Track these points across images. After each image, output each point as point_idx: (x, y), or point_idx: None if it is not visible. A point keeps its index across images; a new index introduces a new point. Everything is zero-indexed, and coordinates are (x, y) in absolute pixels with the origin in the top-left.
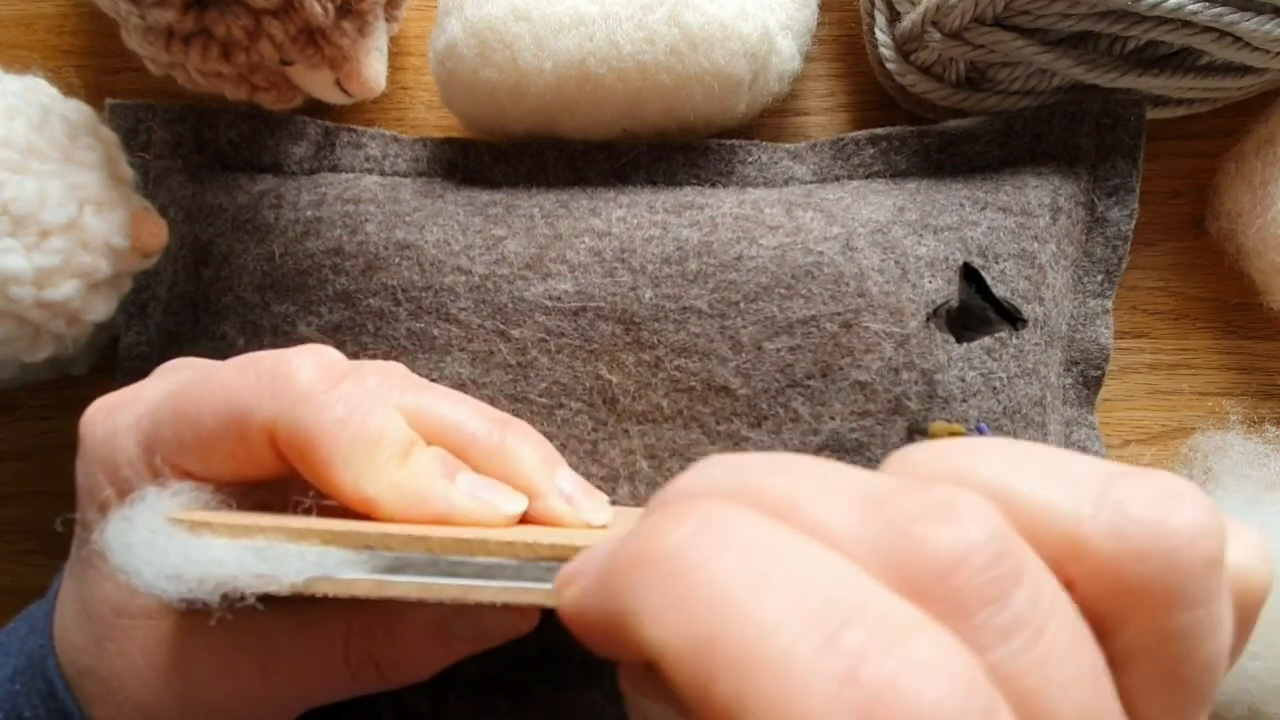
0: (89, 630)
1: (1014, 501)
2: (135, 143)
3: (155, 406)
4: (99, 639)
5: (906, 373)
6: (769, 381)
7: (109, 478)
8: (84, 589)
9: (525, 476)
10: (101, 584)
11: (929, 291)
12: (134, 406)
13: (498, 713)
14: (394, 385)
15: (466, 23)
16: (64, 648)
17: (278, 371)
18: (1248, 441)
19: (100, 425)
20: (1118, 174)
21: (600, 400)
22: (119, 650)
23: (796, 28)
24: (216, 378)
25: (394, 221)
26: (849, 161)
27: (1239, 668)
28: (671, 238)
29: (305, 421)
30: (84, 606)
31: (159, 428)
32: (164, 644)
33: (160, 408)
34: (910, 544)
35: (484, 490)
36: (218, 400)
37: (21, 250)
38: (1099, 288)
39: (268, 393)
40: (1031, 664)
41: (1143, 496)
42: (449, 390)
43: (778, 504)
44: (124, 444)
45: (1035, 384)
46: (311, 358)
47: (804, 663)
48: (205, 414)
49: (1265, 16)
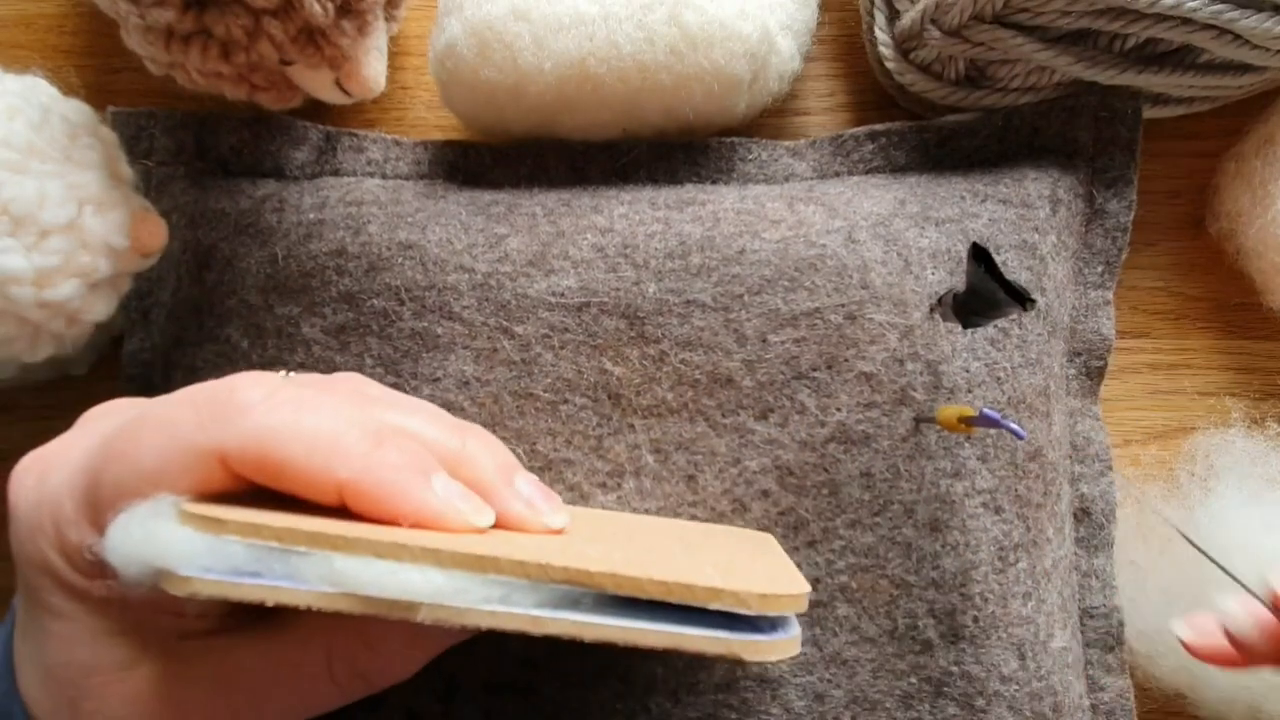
0: (60, 695)
1: None
2: (138, 149)
3: (87, 462)
4: (73, 702)
5: (911, 363)
6: (774, 374)
7: (49, 542)
8: (43, 655)
9: (486, 481)
10: (64, 649)
11: (932, 283)
12: (63, 466)
13: (507, 714)
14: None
15: (466, 23)
16: (35, 711)
17: (215, 397)
18: (1248, 440)
19: (31, 490)
20: (1116, 167)
21: (605, 395)
22: (97, 709)
23: (796, 28)
24: (151, 416)
25: (396, 222)
26: (849, 158)
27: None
28: (674, 233)
29: (257, 429)
30: (47, 673)
31: (97, 478)
32: (146, 689)
33: (93, 460)
34: None
35: (458, 499)
36: (156, 438)
37: (21, 250)
38: (1099, 279)
39: (209, 418)
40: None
41: None
42: (401, 397)
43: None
44: (60, 504)
45: (1039, 374)
46: (245, 376)
47: None
48: (144, 453)
49: (1265, 14)
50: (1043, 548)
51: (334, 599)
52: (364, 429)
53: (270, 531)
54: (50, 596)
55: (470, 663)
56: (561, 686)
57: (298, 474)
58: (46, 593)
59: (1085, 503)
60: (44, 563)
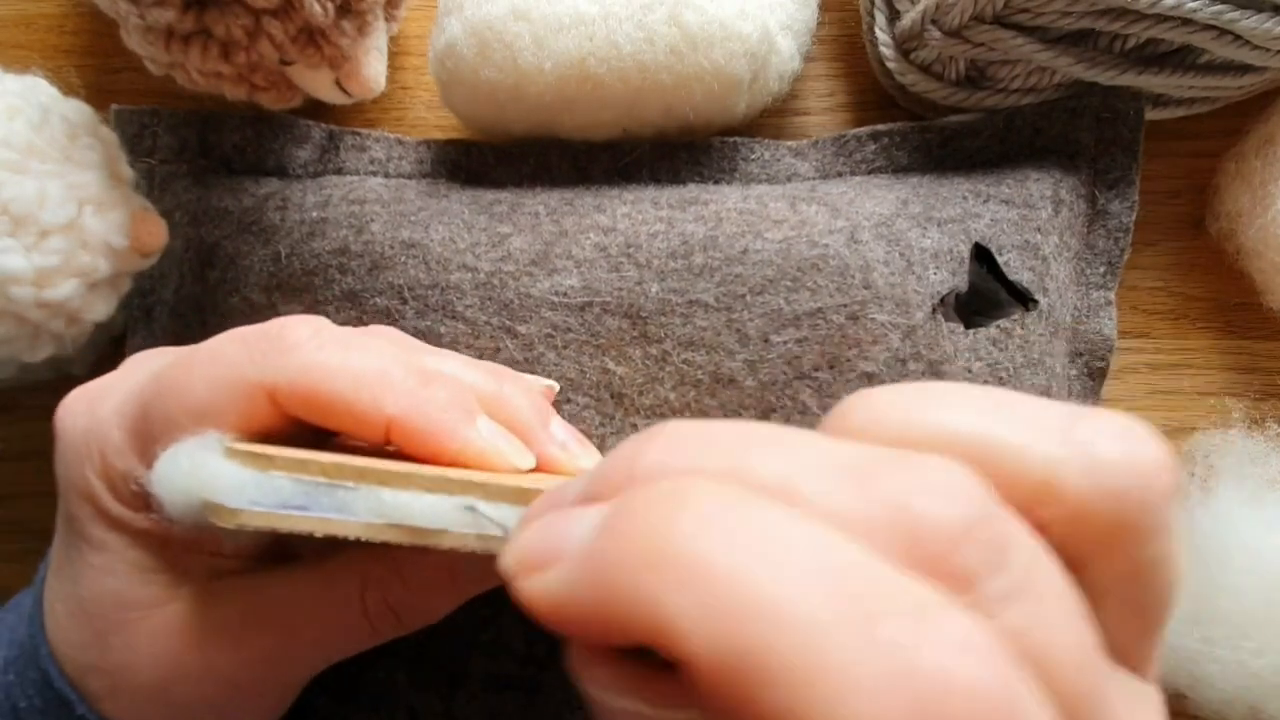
0: (89, 627)
1: (987, 452)
2: (140, 148)
3: (138, 390)
4: (102, 635)
5: (913, 364)
6: (776, 374)
7: (95, 469)
8: (78, 587)
9: (523, 423)
10: (98, 580)
11: (934, 283)
12: (113, 395)
13: (508, 711)
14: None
15: (466, 23)
16: (61, 647)
17: (266, 334)
18: (1249, 440)
19: (80, 417)
20: (1118, 167)
21: (608, 394)
22: (126, 643)
23: (796, 27)
24: (202, 352)
25: (399, 221)
26: (851, 158)
27: (1240, 665)
28: (677, 232)
29: (306, 365)
30: (80, 605)
31: (146, 409)
32: (175, 627)
33: (144, 390)
34: (912, 519)
35: (501, 439)
36: (209, 371)
37: (21, 250)
38: (1101, 279)
39: (259, 353)
40: (1032, 621)
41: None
42: (436, 348)
43: (773, 485)
44: (109, 433)
45: (1041, 374)
46: (295, 318)
47: (851, 665)
48: (196, 385)
49: (1265, 14)
50: None
51: (383, 530)
52: (408, 368)
53: (318, 467)
54: (90, 527)
55: (472, 660)
56: (564, 683)
57: (348, 409)
58: (87, 522)
59: None
60: (88, 490)
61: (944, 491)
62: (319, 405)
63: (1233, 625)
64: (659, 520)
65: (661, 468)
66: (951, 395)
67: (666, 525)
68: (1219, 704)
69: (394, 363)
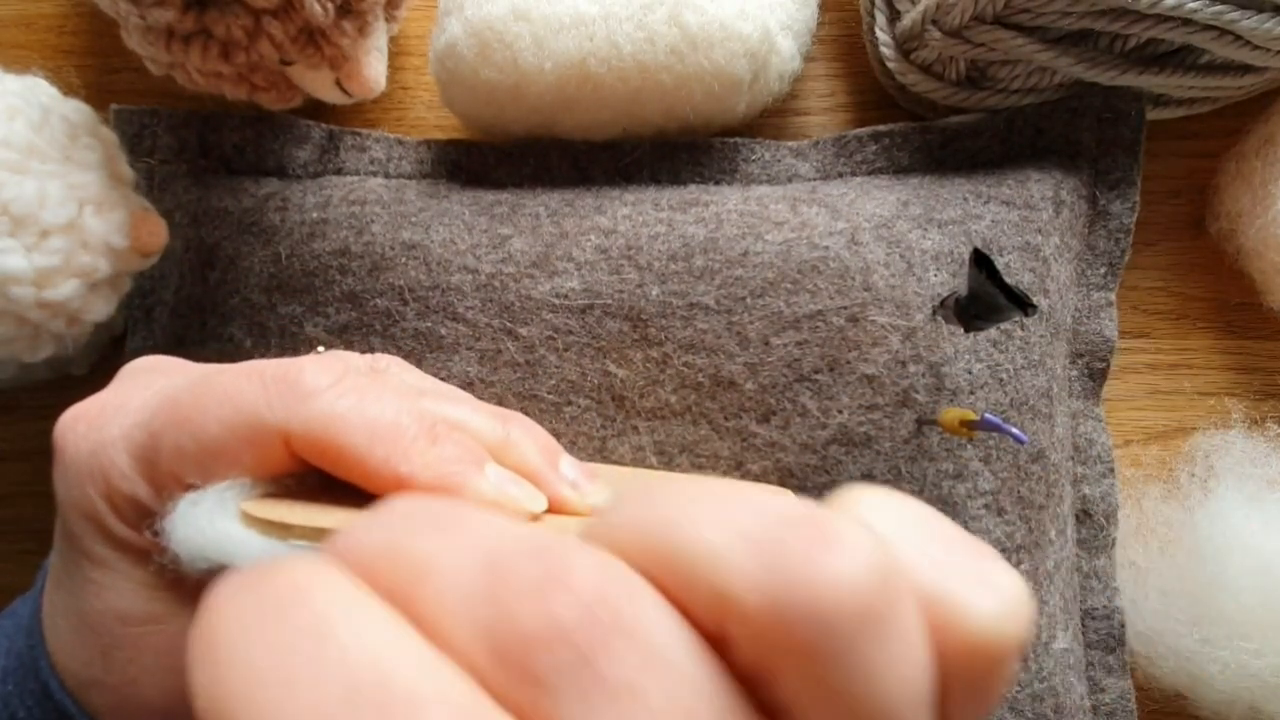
0: (92, 643)
1: (675, 556)
2: (140, 148)
3: (148, 417)
4: (105, 650)
5: (914, 365)
6: (777, 376)
7: (99, 490)
8: (80, 602)
9: (532, 466)
10: (103, 596)
11: (934, 285)
12: (120, 417)
13: None
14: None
15: (466, 23)
16: (63, 661)
17: (282, 376)
18: (1249, 440)
19: (83, 438)
20: (1119, 168)
21: (609, 397)
22: (130, 659)
23: (796, 28)
24: (217, 385)
25: (400, 222)
26: (852, 158)
27: (1240, 666)
28: (677, 234)
29: (323, 414)
30: (82, 620)
31: (156, 439)
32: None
33: (154, 418)
34: (505, 624)
35: (510, 486)
36: (224, 408)
37: (21, 250)
38: (1102, 280)
39: (275, 396)
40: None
41: (796, 546)
42: (442, 386)
43: (399, 574)
44: (115, 457)
45: (1042, 375)
46: (310, 359)
47: None
48: (210, 422)
49: (1265, 15)
50: (1045, 549)
51: None
52: (420, 422)
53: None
54: (92, 544)
55: None
56: None
57: (359, 464)
58: (89, 540)
59: (1087, 504)
60: (90, 510)
61: (547, 592)
62: (331, 456)
63: (1233, 625)
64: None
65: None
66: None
67: (219, 602)
68: (1219, 704)
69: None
